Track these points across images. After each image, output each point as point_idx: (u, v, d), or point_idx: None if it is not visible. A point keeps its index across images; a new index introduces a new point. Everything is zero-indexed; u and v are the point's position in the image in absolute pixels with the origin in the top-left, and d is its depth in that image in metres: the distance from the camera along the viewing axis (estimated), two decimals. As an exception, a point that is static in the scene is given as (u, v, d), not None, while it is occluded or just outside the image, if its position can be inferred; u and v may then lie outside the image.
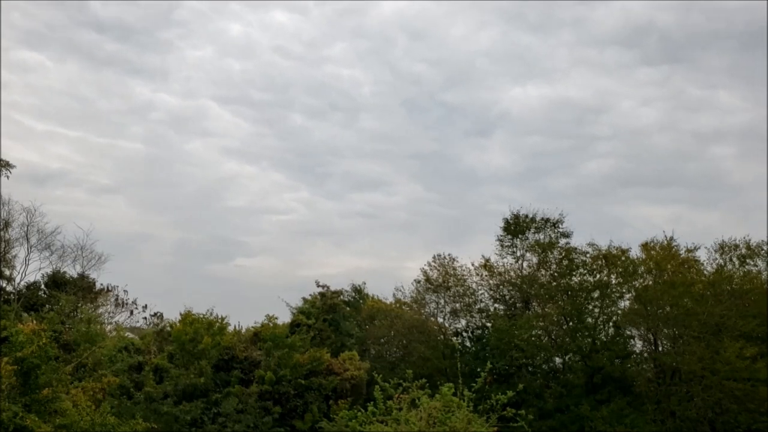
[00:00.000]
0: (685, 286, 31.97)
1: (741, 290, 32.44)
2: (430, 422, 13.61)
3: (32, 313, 27.41)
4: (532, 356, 34.84)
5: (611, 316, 34.81)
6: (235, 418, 27.61)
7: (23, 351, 16.15)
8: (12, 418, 15.00)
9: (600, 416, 30.58)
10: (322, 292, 36.32)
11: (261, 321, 33.38)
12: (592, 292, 34.61)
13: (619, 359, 33.46)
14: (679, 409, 30.06)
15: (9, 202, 33.21)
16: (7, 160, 32.47)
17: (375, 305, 41.06)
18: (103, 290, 35.65)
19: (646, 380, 32.15)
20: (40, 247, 34.05)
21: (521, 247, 38.33)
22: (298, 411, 29.40)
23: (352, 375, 30.45)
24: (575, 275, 35.29)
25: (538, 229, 38.20)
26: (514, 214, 38.46)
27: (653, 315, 32.34)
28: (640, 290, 33.29)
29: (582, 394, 32.62)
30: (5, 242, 33.05)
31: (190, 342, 29.64)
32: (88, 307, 31.66)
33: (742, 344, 29.67)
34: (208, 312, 31.54)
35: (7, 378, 15.77)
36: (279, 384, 29.32)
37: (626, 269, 34.15)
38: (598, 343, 33.70)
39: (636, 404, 31.14)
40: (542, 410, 31.47)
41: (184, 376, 28.42)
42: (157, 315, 36.49)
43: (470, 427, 13.49)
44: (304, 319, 34.37)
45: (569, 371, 35.10)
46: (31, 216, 33.56)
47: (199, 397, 28.23)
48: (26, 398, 15.94)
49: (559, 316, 35.23)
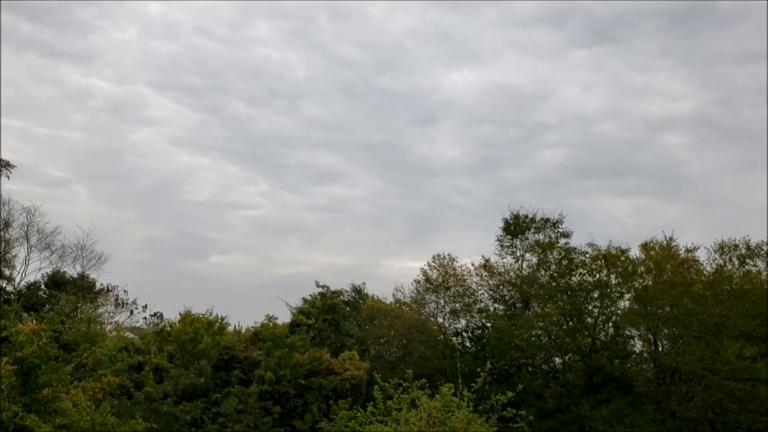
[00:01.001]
0: (685, 286, 32.00)
1: (741, 290, 32.46)
2: (430, 422, 13.61)
3: (32, 313, 27.39)
4: (532, 356, 34.85)
5: (611, 316, 34.83)
6: (235, 418, 27.60)
7: (23, 351, 16.14)
8: (12, 418, 14.98)
9: (600, 416, 30.59)
10: (322, 292, 36.31)
11: (258, 320, 33.50)
12: (591, 292, 34.64)
13: (619, 359, 33.47)
14: (679, 409, 30.08)
15: (9, 202, 33.27)
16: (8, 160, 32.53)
17: (375, 305, 41.07)
18: (103, 290, 35.67)
19: (646, 380, 32.18)
20: (40, 247, 34.12)
21: (521, 247, 38.38)
22: (298, 411, 29.39)
23: (351, 375, 30.43)
24: (575, 275, 35.31)
25: (537, 230, 38.25)
26: (514, 215, 38.52)
27: (653, 315, 32.36)
28: (640, 290, 33.30)
29: (582, 394, 32.62)
30: (5, 242, 33.07)
31: (190, 342, 29.64)
32: (88, 307, 31.67)
33: (742, 344, 29.71)
34: (208, 312, 31.58)
35: (7, 378, 15.76)
36: (279, 384, 29.30)
37: (626, 269, 34.17)
38: (597, 343, 33.71)
39: (636, 404, 31.15)
40: (542, 410, 31.47)
41: (184, 375, 28.40)
42: (157, 315, 36.51)
43: (470, 427, 13.50)
44: (304, 319, 34.37)
45: (569, 371, 35.11)
46: (31, 216, 33.62)
47: (199, 397, 28.22)
48: (26, 398, 15.93)
49: (558, 316, 35.26)
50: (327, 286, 36.77)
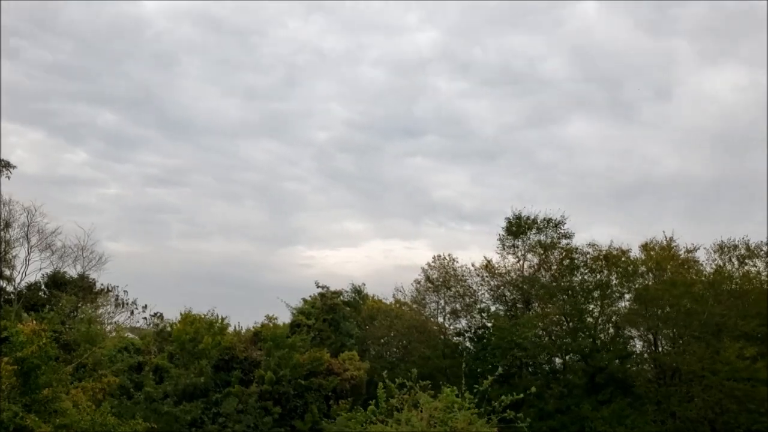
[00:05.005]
0: (686, 286, 31.93)
1: (741, 290, 32.43)
2: (431, 422, 13.59)
3: (32, 313, 27.37)
4: (533, 356, 34.81)
5: (611, 316, 34.81)
6: (235, 418, 27.60)
7: (23, 351, 16.14)
8: (12, 418, 14.98)
9: (600, 417, 30.55)
10: (322, 292, 36.29)
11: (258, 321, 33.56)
12: (592, 292, 34.62)
13: (619, 359, 33.43)
14: (679, 409, 30.03)
15: (9, 202, 33.25)
16: (8, 160, 32.52)
17: (375, 305, 41.05)
18: (103, 290, 35.65)
19: (646, 381, 32.13)
20: (41, 247, 34.07)
21: (522, 247, 38.35)
22: (298, 411, 29.39)
23: (352, 375, 30.42)
24: (576, 275, 35.30)
25: (539, 230, 38.20)
26: (516, 215, 38.45)
27: (653, 315, 32.32)
28: (640, 290, 33.27)
29: (582, 395, 32.57)
30: (5, 242, 33.05)
31: (190, 342, 29.65)
32: (88, 307, 31.64)
33: (743, 344, 29.62)
34: (209, 312, 31.61)
35: (8, 378, 15.75)
36: (279, 384, 29.30)
37: (626, 269, 34.16)
38: (598, 344, 33.69)
39: (636, 405, 31.08)
40: (543, 411, 31.43)
41: (184, 375, 28.40)
42: (157, 315, 36.50)
43: (471, 427, 13.48)
44: (304, 319, 34.36)
45: (570, 371, 35.07)
46: (31, 216, 33.59)
47: (199, 397, 28.22)
48: (26, 398, 15.93)
49: (559, 316, 35.24)
50: (327, 287, 36.80)
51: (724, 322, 30.84)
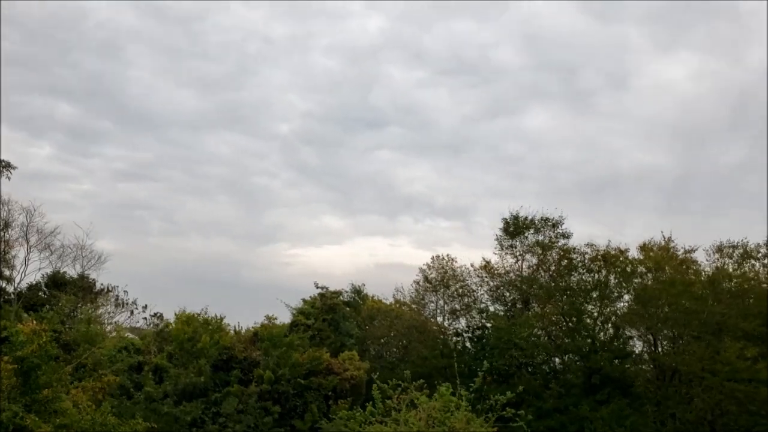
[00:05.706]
0: (685, 285, 31.86)
1: (741, 289, 32.35)
2: (429, 422, 13.63)
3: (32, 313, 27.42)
4: (531, 356, 34.83)
5: (610, 316, 34.80)
6: (235, 418, 27.62)
7: (23, 351, 16.16)
8: (12, 418, 15.00)
9: (599, 417, 30.52)
10: (321, 292, 36.33)
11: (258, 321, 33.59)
12: (591, 292, 34.62)
13: (618, 360, 33.42)
14: (679, 410, 29.97)
15: (9, 202, 33.31)
16: (8, 161, 32.58)
17: (375, 305, 41.07)
18: (103, 290, 35.71)
19: (646, 381, 32.10)
20: (40, 247, 34.15)
21: (521, 247, 38.39)
22: (298, 411, 29.41)
23: (351, 375, 30.44)
24: (574, 275, 35.31)
25: (537, 230, 38.24)
26: (514, 216, 38.49)
27: (652, 315, 32.28)
28: (639, 290, 33.23)
29: (581, 395, 32.53)
30: (5, 242, 33.10)
31: (188, 341, 29.68)
32: (88, 307, 31.69)
33: (743, 344, 29.46)
34: (203, 311, 31.64)
35: (7, 378, 15.77)
36: (278, 383, 29.32)
37: (624, 269, 34.16)
38: (597, 344, 33.68)
39: (636, 405, 31.05)
40: (541, 410, 31.40)
41: (183, 375, 28.43)
42: (157, 315, 36.56)
43: (469, 427, 13.51)
44: (303, 319, 34.40)
45: (568, 371, 35.07)
46: (30, 216, 33.66)
47: (198, 397, 28.23)
48: (26, 398, 15.94)
49: (558, 316, 35.25)
50: (326, 287, 36.85)
51: (724, 322, 30.73)
